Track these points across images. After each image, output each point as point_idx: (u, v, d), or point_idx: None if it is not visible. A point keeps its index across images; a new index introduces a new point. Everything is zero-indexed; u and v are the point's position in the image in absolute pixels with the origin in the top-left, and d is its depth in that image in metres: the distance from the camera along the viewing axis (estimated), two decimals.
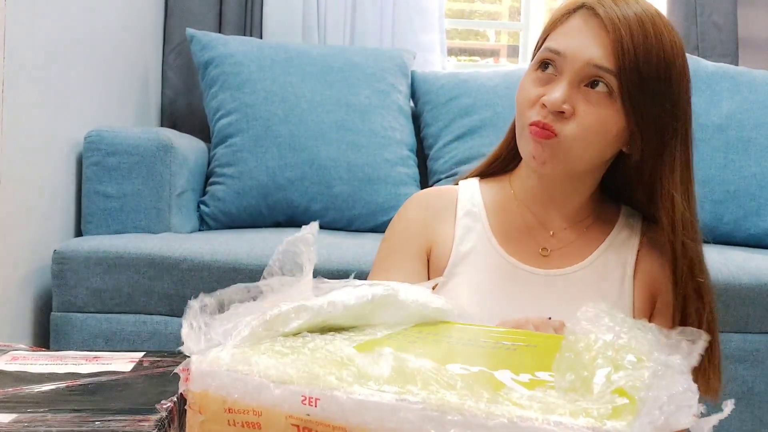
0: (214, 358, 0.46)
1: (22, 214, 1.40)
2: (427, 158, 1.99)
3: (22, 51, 1.35)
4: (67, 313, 1.43)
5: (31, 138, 1.42)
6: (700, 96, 1.94)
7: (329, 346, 0.48)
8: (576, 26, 0.86)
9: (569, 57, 0.84)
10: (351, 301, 0.54)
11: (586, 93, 0.84)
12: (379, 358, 0.44)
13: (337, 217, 1.81)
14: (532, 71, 0.89)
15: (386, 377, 0.42)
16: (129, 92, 1.97)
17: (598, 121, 0.84)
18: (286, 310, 0.50)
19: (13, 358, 0.54)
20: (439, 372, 0.42)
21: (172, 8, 2.19)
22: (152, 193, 1.59)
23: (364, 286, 0.57)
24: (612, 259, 0.93)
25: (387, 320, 0.58)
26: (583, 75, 0.84)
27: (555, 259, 0.93)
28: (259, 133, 1.80)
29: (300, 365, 0.44)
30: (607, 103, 0.84)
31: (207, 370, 0.45)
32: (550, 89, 0.85)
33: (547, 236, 0.94)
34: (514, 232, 0.94)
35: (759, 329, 1.50)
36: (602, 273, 0.92)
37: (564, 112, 0.83)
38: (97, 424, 0.40)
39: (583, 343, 0.46)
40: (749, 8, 2.42)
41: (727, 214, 1.86)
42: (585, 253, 0.93)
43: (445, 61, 2.34)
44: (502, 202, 0.97)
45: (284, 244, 0.59)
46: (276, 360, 0.45)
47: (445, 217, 0.96)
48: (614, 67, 0.83)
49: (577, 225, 0.95)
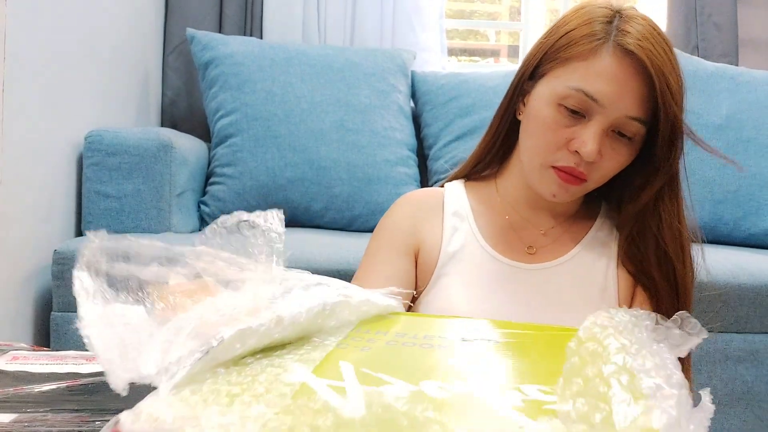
0: (153, 416, 0.38)
1: (22, 214, 1.40)
2: (427, 158, 1.99)
3: (22, 51, 1.35)
4: (67, 313, 1.43)
5: (31, 138, 1.42)
6: (700, 96, 1.94)
7: (284, 376, 0.41)
8: (610, 67, 0.82)
9: (606, 106, 0.82)
10: (301, 317, 0.48)
11: (613, 139, 0.85)
12: (350, 394, 0.38)
13: (337, 217, 1.81)
14: (554, 105, 0.85)
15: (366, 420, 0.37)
16: (129, 92, 1.97)
17: (620, 164, 0.87)
18: (229, 338, 0.43)
19: (14, 358, 0.54)
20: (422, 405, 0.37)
21: (172, 8, 2.19)
22: (152, 193, 1.59)
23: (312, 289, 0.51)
24: (596, 249, 0.94)
25: (334, 325, 0.52)
26: (616, 124, 0.84)
27: (541, 255, 0.94)
28: (259, 133, 1.80)
29: (263, 419, 0.37)
30: (630, 146, 0.86)
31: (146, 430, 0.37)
32: (580, 134, 0.83)
33: (535, 235, 0.95)
34: (500, 231, 0.95)
35: (759, 329, 1.50)
36: (587, 263, 0.93)
37: (595, 162, 0.84)
38: (97, 424, 0.40)
39: (591, 369, 0.42)
40: (749, 8, 2.42)
41: (726, 214, 1.86)
42: (570, 246, 0.94)
43: (445, 61, 2.34)
44: (487, 204, 0.97)
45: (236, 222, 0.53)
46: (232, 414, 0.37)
47: (432, 217, 0.96)
48: (647, 117, 0.83)
49: (564, 222, 0.96)
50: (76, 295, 0.44)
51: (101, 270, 0.46)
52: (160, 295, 0.47)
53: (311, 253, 1.46)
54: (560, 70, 0.85)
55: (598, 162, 0.84)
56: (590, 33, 0.84)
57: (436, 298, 0.92)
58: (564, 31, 0.87)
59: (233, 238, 0.52)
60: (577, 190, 0.87)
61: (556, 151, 0.85)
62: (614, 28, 0.84)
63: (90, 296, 0.44)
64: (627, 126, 0.83)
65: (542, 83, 0.88)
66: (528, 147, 0.89)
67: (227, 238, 0.53)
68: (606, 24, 0.84)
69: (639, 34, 0.82)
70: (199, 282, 0.49)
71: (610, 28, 0.84)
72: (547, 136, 0.86)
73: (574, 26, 0.86)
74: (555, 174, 0.86)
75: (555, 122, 0.85)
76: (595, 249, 0.94)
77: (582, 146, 0.83)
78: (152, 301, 0.47)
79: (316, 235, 1.67)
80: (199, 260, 0.49)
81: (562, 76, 0.85)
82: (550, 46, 0.88)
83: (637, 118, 0.83)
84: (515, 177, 0.95)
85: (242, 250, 0.52)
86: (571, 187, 0.86)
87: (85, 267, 0.46)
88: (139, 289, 0.47)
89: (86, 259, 0.46)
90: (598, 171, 0.86)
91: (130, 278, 0.47)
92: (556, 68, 0.86)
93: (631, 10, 0.86)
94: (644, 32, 0.83)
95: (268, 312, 0.46)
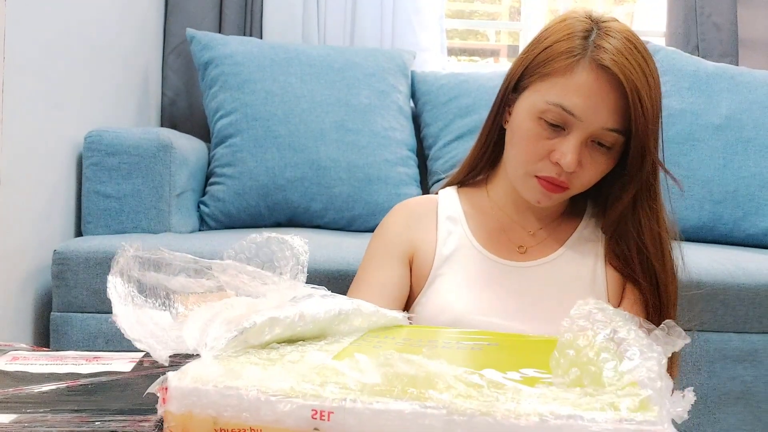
0: (198, 374, 0.41)
1: (22, 214, 1.40)
2: (427, 158, 1.99)
3: (22, 51, 1.35)
4: (67, 313, 1.43)
5: (31, 138, 1.42)
6: (700, 96, 1.94)
7: (308, 357, 0.45)
8: (587, 82, 0.86)
9: (583, 119, 0.87)
10: (320, 315, 0.52)
11: (592, 149, 0.90)
12: (366, 370, 0.42)
13: (337, 217, 1.81)
14: (534, 119, 0.90)
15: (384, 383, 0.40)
16: (129, 92, 1.97)
17: (600, 172, 0.92)
18: (261, 323, 0.47)
19: (14, 358, 0.54)
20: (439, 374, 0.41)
21: (172, 8, 2.19)
22: (152, 193, 1.59)
23: (328, 298, 0.56)
24: (584, 245, 0.99)
25: (347, 330, 0.57)
26: (594, 135, 0.88)
27: (531, 253, 0.99)
28: (259, 133, 1.80)
29: (296, 377, 0.41)
30: (608, 154, 0.91)
31: (191, 387, 0.41)
32: (560, 145, 0.88)
33: (524, 235, 1.00)
34: (492, 233, 1.00)
35: (759, 329, 1.50)
36: (576, 259, 0.98)
37: (575, 171, 0.89)
38: (97, 424, 0.40)
39: (583, 340, 0.46)
40: (749, 8, 2.42)
41: (726, 214, 1.86)
42: (558, 244, 1.00)
43: (445, 61, 2.34)
44: (479, 208, 1.03)
45: (265, 238, 0.57)
46: (272, 369, 0.42)
47: (426, 223, 1.01)
48: (623, 127, 0.88)
49: (551, 223, 1.02)
50: (110, 297, 0.48)
51: (133, 277, 0.50)
52: (185, 304, 0.52)
53: (311, 253, 1.45)
54: (540, 84, 0.90)
55: (578, 171, 0.89)
56: (568, 49, 0.88)
57: (432, 298, 0.95)
58: (544, 46, 0.91)
59: (261, 252, 0.57)
60: (559, 197, 0.93)
61: (538, 161, 0.90)
62: (591, 44, 0.88)
63: (122, 299, 0.49)
64: (605, 137, 0.88)
65: (524, 96, 0.93)
66: (512, 156, 0.95)
67: (255, 251, 0.57)
68: (583, 39, 0.88)
69: (614, 49, 0.86)
70: (221, 294, 0.53)
71: (587, 43, 0.88)
72: (529, 148, 0.91)
73: (553, 41, 0.91)
74: (538, 183, 0.91)
75: (536, 135, 0.90)
76: (581, 247, 0.99)
77: (562, 158, 0.88)
78: (177, 308, 0.52)
79: (316, 235, 1.67)
80: (224, 273, 0.53)
81: (542, 90, 0.90)
82: (530, 61, 0.92)
83: (614, 129, 0.88)
84: (504, 182, 1.00)
85: (268, 264, 0.56)
86: (554, 195, 0.92)
87: (119, 274, 0.50)
88: (166, 297, 0.52)
89: (120, 266, 0.50)
90: (578, 179, 0.91)
91: (158, 286, 0.51)
92: (537, 82, 0.90)
93: (611, 23, 0.90)
94: (620, 47, 0.86)
95: (292, 308, 0.51)
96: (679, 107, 1.93)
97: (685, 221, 1.86)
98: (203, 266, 0.53)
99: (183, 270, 0.53)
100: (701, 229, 1.87)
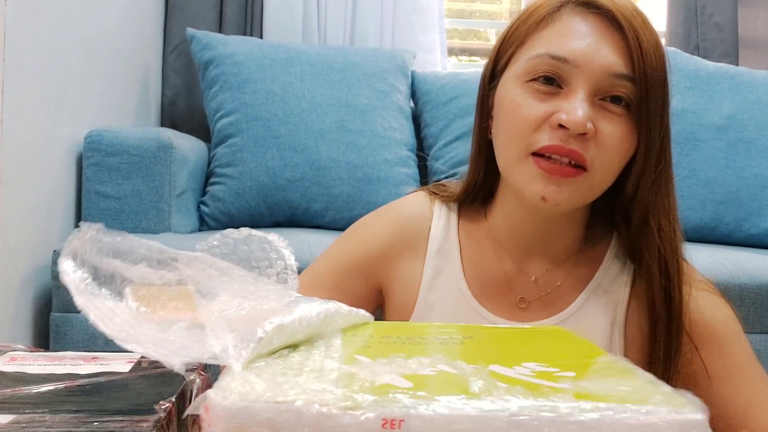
0: (243, 390, 0.37)
1: (22, 214, 1.40)
2: (427, 158, 1.99)
3: (22, 51, 1.35)
4: (67, 314, 1.42)
5: (31, 138, 1.42)
6: (701, 96, 1.93)
7: (326, 364, 0.42)
8: (573, 24, 0.70)
9: (581, 65, 0.68)
10: (313, 319, 0.49)
11: (605, 109, 0.69)
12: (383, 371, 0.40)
13: (337, 217, 1.81)
14: (520, 84, 0.71)
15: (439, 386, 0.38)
16: (129, 92, 1.97)
17: (621, 141, 0.69)
18: (271, 332, 0.43)
19: (12, 359, 0.54)
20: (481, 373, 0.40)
21: (172, 8, 2.19)
22: (152, 193, 1.59)
23: (311, 300, 0.53)
24: (601, 301, 0.77)
25: (329, 332, 0.53)
26: (600, 87, 0.69)
27: (535, 310, 0.78)
28: (259, 133, 1.80)
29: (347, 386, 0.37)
30: (625, 118, 0.70)
31: (240, 405, 0.36)
32: (561, 104, 0.68)
33: (527, 283, 0.78)
34: (490, 280, 0.79)
35: (759, 329, 1.50)
36: (588, 320, 0.76)
37: (587, 133, 0.67)
38: (95, 424, 0.40)
39: None
40: (749, 8, 2.42)
41: (727, 215, 1.86)
42: (570, 299, 0.77)
43: (445, 61, 2.34)
44: (477, 242, 0.81)
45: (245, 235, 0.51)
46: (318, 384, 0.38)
47: (413, 250, 0.81)
48: (633, 73, 0.69)
49: (563, 264, 0.79)
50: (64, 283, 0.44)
51: (88, 261, 0.45)
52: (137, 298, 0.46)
53: (311, 253, 1.45)
54: (520, 51, 0.73)
55: (594, 140, 0.68)
56: (546, 3, 0.72)
57: None
58: (515, 21, 0.76)
59: (238, 249, 0.51)
60: (573, 185, 0.69)
61: (534, 132, 0.69)
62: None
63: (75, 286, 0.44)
64: (615, 87, 0.68)
65: (504, 77, 0.75)
66: (502, 141, 0.73)
67: (232, 247, 0.51)
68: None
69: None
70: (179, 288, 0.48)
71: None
72: (519, 117, 0.70)
73: (525, 12, 0.75)
74: (536, 166, 0.69)
75: (526, 98, 0.70)
76: (601, 298, 0.77)
77: (566, 115, 0.67)
78: (132, 301, 0.46)
79: (316, 235, 1.66)
80: (189, 267, 0.48)
81: (524, 54, 0.72)
82: (504, 36, 0.76)
83: (623, 74, 0.68)
84: (504, 211, 0.80)
85: (245, 263, 0.50)
86: (563, 181, 0.68)
87: (71, 256, 0.45)
88: (121, 286, 0.46)
89: (72, 247, 0.45)
90: (597, 152, 0.68)
91: (115, 275, 0.46)
92: (516, 52, 0.73)
93: None
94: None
95: (288, 313, 0.47)
96: (681, 107, 1.93)
97: (687, 221, 1.86)
98: (168, 257, 0.47)
99: (145, 259, 0.47)
100: (703, 229, 1.87)
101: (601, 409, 0.35)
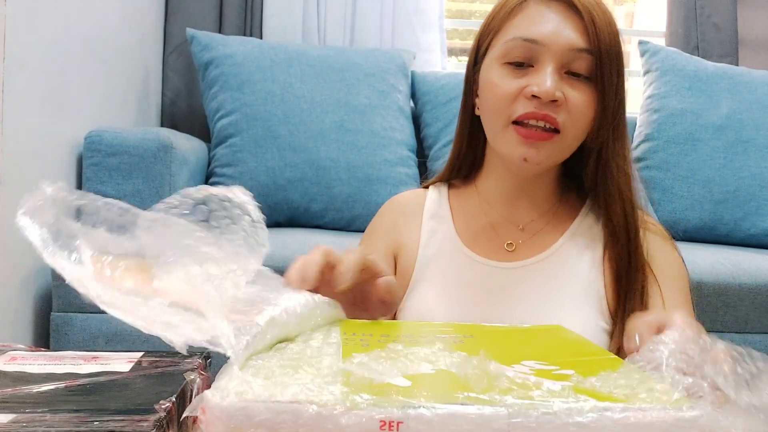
0: (240, 389, 0.36)
1: None
2: (427, 158, 1.99)
3: (22, 51, 1.35)
4: (67, 314, 1.43)
5: (31, 138, 1.42)
6: (701, 96, 1.93)
7: (324, 362, 0.42)
8: (539, 12, 0.84)
9: (548, 44, 0.82)
10: (298, 310, 0.48)
11: (571, 80, 0.83)
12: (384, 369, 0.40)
13: (337, 217, 1.81)
14: (497, 65, 0.85)
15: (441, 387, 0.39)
16: (129, 92, 1.97)
17: (586, 107, 0.83)
18: (264, 326, 0.43)
19: (12, 359, 0.54)
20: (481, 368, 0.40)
21: (172, 9, 2.19)
22: (152, 193, 1.59)
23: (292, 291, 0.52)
24: (580, 242, 0.90)
25: (313, 325, 0.52)
26: (565, 61, 0.83)
27: (521, 252, 0.91)
28: (259, 134, 1.80)
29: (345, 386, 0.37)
30: (588, 86, 0.84)
31: (238, 406, 0.35)
32: (532, 78, 0.82)
33: (514, 231, 0.92)
34: (479, 231, 0.93)
35: (759, 329, 1.50)
36: (571, 257, 0.89)
37: (557, 100, 0.81)
38: (95, 424, 0.40)
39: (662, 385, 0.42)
40: (749, 8, 2.42)
41: (726, 215, 1.86)
42: (551, 240, 0.91)
43: (445, 61, 2.34)
44: (468, 206, 0.96)
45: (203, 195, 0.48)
46: (316, 383, 0.37)
47: (412, 222, 0.96)
48: (591, 47, 0.82)
49: (545, 213, 0.93)
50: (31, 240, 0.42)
51: (46, 221, 0.43)
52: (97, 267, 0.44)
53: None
54: (497, 38, 0.87)
55: (563, 105, 0.82)
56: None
57: (413, 305, 0.90)
58: (491, 12, 0.90)
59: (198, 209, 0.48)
60: (549, 147, 0.83)
61: (512, 103, 0.83)
62: None
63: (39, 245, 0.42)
64: (577, 61, 0.83)
65: (485, 61, 0.89)
66: (487, 116, 0.88)
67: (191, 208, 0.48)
68: None
69: None
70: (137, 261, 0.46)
71: None
72: (498, 93, 0.84)
73: (498, 2, 0.90)
74: (515, 133, 0.83)
75: (503, 77, 0.84)
76: (579, 240, 0.91)
77: (537, 86, 0.81)
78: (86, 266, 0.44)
79: (316, 235, 1.67)
80: (149, 232, 0.45)
81: (500, 40, 0.87)
82: (483, 26, 0.91)
83: (584, 48, 0.82)
84: (492, 174, 0.94)
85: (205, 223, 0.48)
86: (540, 144, 0.83)
87: (29, 215, 0.43)
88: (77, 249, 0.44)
89: (30, 205, 0.43)
90: (567, 116, 0.82)
91: (74, 237, 0.43)
92: (494, 39, 0.88)
93: None
94: None
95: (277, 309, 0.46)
96: (680, 107, 1.93)
97: (686, 221, 1.86)
98: (130, 220, 0.45)
99: (106, 221, 0.44)
100: (702, 229, 1.87)
101: (600, 409, 0.36)
